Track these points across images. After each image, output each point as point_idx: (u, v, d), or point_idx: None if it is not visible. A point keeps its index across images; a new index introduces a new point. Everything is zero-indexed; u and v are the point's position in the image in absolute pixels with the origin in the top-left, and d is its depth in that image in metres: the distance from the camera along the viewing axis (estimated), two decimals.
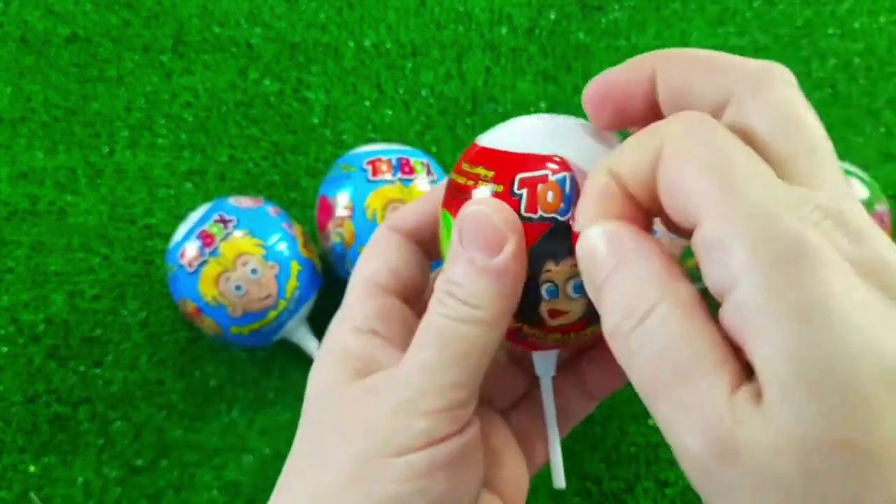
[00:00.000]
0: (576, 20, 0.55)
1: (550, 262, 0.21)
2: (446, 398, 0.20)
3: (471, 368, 0.21)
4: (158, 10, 0.55)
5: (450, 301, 0.21)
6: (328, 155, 0.51)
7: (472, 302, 0.21)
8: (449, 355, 0.20)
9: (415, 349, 0.21)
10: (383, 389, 0.21)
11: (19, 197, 0.50)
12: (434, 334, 0.21)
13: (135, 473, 0.44)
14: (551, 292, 0.21)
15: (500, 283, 0.20)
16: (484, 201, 0.21)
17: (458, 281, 0.21)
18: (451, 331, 0.21)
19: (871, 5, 0.55)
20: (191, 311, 0.42)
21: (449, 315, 0.21)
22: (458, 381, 0.20)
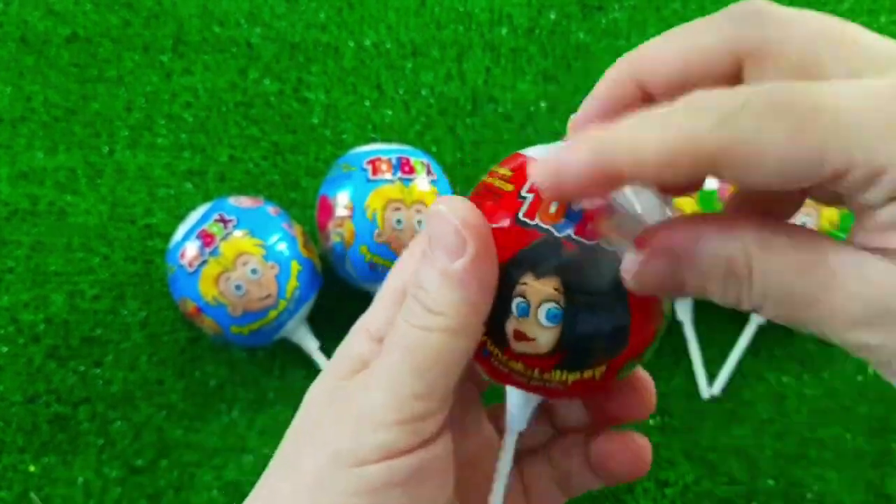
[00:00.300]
0: (576, 20, 0.55)
1: (530, 275, 0.19)
2: (407, 409, 0.19)
3: (435, 379, 0.19)
4: (158, 10, 0.55)
5: (415, 306, 0.20)
6: (328, 155, 0.51)
7: (435, 308, 0.19)
8: (411, 364, 0.19)
9: (383, 354, 0.20)
10: (353, 395, 0.20)
11: (19, 197, 0.50)
12: (398, 340, 0.20)
13: (135, 473, 0.44)
14: (521, 309, 0.20)
15: (464, 290, 0.19)
16: (451, 200, 0.19)
17: (424, 285, 0.20)
18: (414, 338, 0.19)
19: (871, 5, 0.54)
20: (191, 311, 0.42)
21: (412, 321, 0.20)
22: (420, 391, 0.19)
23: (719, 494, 0.43)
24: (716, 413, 0.45)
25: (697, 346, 0.45)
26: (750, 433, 0.44)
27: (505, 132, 0.52)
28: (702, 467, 0.44)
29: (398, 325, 0.20)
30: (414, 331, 0.20)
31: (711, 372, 0.45)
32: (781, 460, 0.44)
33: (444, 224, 0.19)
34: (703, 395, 0.45)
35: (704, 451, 0.44)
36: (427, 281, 0.20)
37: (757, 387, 0.45)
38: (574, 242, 0.19)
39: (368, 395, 0.20)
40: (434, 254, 0.19)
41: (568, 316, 0.19)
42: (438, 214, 0.19)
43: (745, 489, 0.43)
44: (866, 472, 0.43)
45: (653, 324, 0.20)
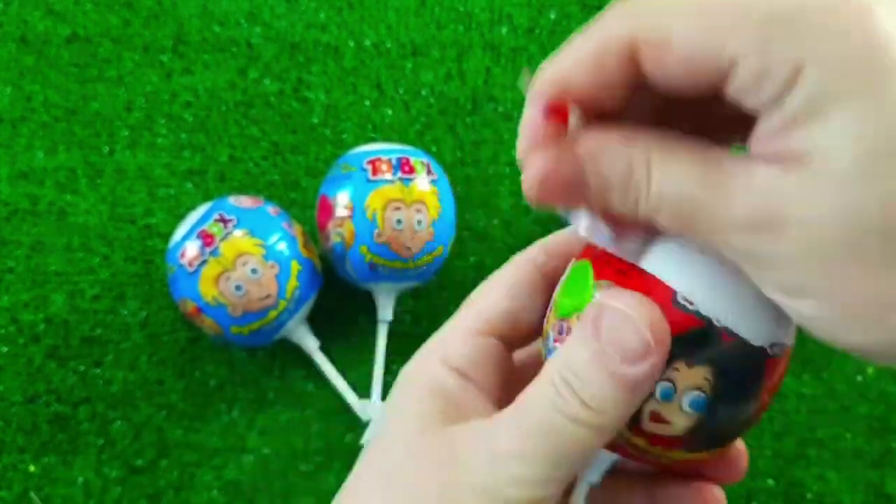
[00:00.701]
0: (576, 20, 0.55)
1: (682, 362, 0.18)
2: (532, 492, 0.19)
3: (570, 467, 0.19)
4: (158, 9, 0.55)
5: (567, 395, 0.18)
6: (328, 155, 0.51)
7: (592, 405, 0.18)
8: (550, 450, 0.19)
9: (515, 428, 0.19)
10: (470, 459, 0.19)
11: (19, 197, 0.50)
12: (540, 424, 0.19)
13: (135, 473, 0.44)
14: (665, 393, 0.19)
15: (631, 395, 0.18)
16: (636, 300, 0.18)
17: (582, 376, 0.18)
18: (560, 427, 0.19)
19: None
20: (191, 311, 0.42)
21: (562, 410, 0.18)
22: (553, 476, 0.19)
23: None
24: None
25: None
26: (750, 433, 0.44)
27: (505, 132, 0.52)
28: None
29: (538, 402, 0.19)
30: (563, 420, 0.18)
31: None
32: (781, 460, 0.44)
33: (629, 327, 0.18)
34: None
35: None
36: (589, 374, 0.18)
37: None
38: (731, 335, 0.18)
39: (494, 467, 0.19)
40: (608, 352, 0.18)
41: (711, 405, 0.19)
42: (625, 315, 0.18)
43: (745, 489, 0.43)
44: (866, 472, 0.43)
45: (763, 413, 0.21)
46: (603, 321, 0.18)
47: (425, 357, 0.22)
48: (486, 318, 0.23)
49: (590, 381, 0.18)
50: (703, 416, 0.19)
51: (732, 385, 0.19)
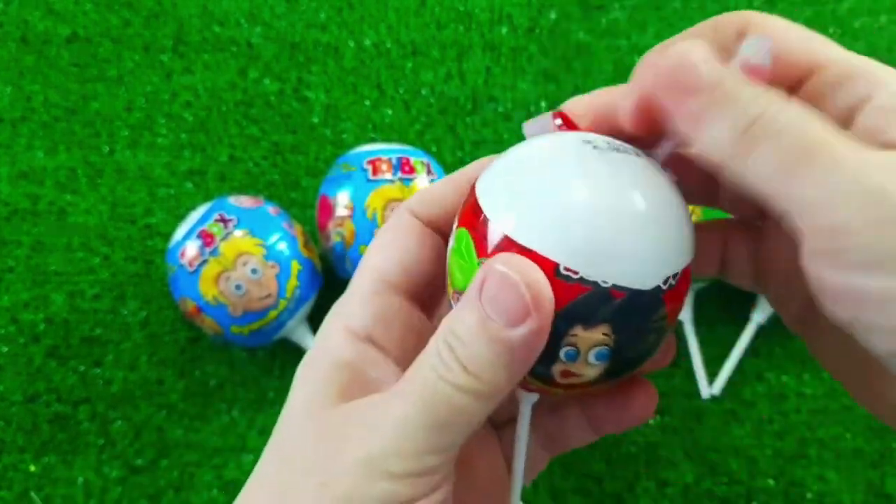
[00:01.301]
0: (576, 20, 0.55)
1: (579, 327, 0.19)
2: (419, 463, 0.18)
3: (452, 437, 0.19)
4: (158, 9, 0.55)
5: (450, 360, 0.18)
6: (328, 154, 0.51)
7: (473, 369, 0.18)
8: (432, 419, 0.18)
9: (399, 398, 0.19)
10: (354, 434, 0.19)
11: (19, 197, 0.50)
12: (422, 391, 0.18)
13: (135, 473, 0.44)
14: (570, 356, 0.19)
15: (511, 358, 0.18)
16: (515, 261, 0.18)
17: (465, 338, 0.18)
18: (442, 394, 0.18)
19: (871, 5, 0.54)
20: (191, 311, 0.42)
21: (444, 376, 0.18)
22: (436, 446, 0.18)
23: (719, 494, 0.43)
24: (716, 413, 0.45)
25: (697, 346, 0.45)
26: (750, 433, 0.44)
27: (505, 132, 0.52)
28: (702, 467, 0.44)
29: (422, 372, 0.19)
30: (442, 384, 0.18)
31: (711, 372, 0.45)
32: (781, 460, 0.44)
33: (509, 289, 0.17)
34: (703, 395, 0.45)
35: (704, 451, 0.44)
36: (470, 337, 0.18)
37: (757, 387, 0.45)
38: (621, 290, 0.18)
39: (376, 440, 0.18)
40: (488, 314, 0.18)
41: (616, 352, 0.19)
42: (505, 276, 0.18)
43: (745, 489, 0.43)
44: (866, 472, 0.43)
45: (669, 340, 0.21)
46: (486, 283, 0.18)
47: (328, 327, 0.22)
48: (383, 276, 0.22)
49: (471, 344, 0.18)
50: (610, 361, 0.19)
51: (633, 329, 0.19)
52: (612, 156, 0.19)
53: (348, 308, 0.22)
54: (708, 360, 0.45)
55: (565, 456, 0.44)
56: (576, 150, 0.20)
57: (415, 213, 0.23)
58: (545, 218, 0.18)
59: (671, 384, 0.45)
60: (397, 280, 0.22)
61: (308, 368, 0.21)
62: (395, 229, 0.23)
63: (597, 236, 0.18)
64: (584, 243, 0.18)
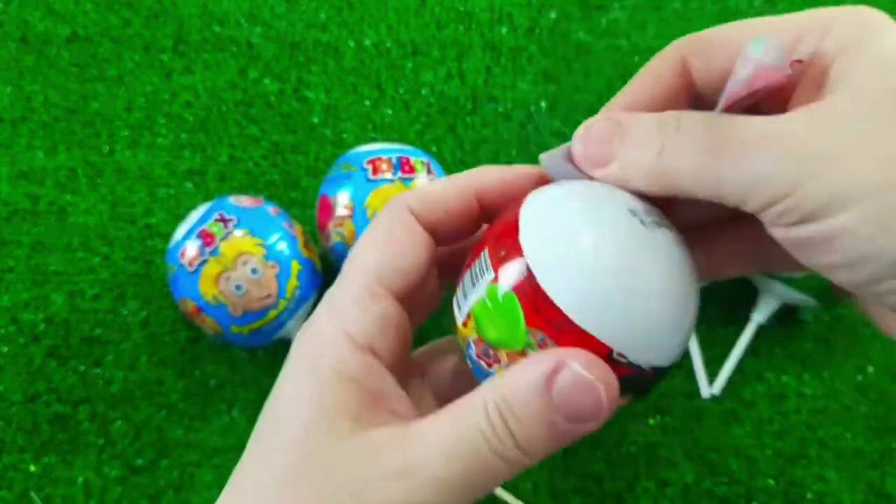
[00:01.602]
0: (576, 19, 0.55)
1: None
2: None
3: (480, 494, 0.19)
4: (158, 9, 0.55)
5: (502, 432, 0.18)
6: (328, 154, 0.51)
7: (525, 447, 0.18)
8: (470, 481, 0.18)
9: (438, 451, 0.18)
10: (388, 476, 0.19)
11: (19, 196, 0.50)
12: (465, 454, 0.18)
13: (135, 473, 0.44)
14: None
15: (560, 444, 0.19)
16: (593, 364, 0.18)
17: (522, 418, 0.18)
18: (485, 462, 0.18)
19: (871, 4, 0.54)
20: (191, 311, 0.42)
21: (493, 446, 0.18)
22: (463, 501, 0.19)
23: (719, 494, 0.43)
24: (716, 413, 0.45)
25: (697, 346, 0.45)
26: (750, 433, 0.44)
27: (505, 131, 0.52)
28: (702, 467, 0.44)
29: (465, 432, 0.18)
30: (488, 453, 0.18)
31: (711, 372, 0.45)
32: (781, 460, 0.44)
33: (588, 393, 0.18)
34: (703, 395, 0.45)
35: (704, 451, 0.44)
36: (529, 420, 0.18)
37: (757, 387, 0.45)
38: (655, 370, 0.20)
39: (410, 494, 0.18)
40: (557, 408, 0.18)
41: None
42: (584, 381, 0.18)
43: (745, 489, 0.43)
44: (866, 472, 0.43)
45: None
46: (558, 378, 0.18)
47: (327, 328, 0.21)
48: (380, 279, 0.21)
49: (529, 426, 0.18)
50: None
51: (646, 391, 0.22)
52: (657, 235, 0.20)
53: (347, 312, 0.21)
54: (708, 360, 0.45)
55: (565, 456, 0.44)
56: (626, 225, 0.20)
57: (413, 211, 0.22)
58: (606, 303, 0.19)
59: (671, 384, 0.45)
60: (392, 284, 0.21)
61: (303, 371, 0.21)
62: (392, 226, 0.22)
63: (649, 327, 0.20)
64: (637, 333, 0.19)
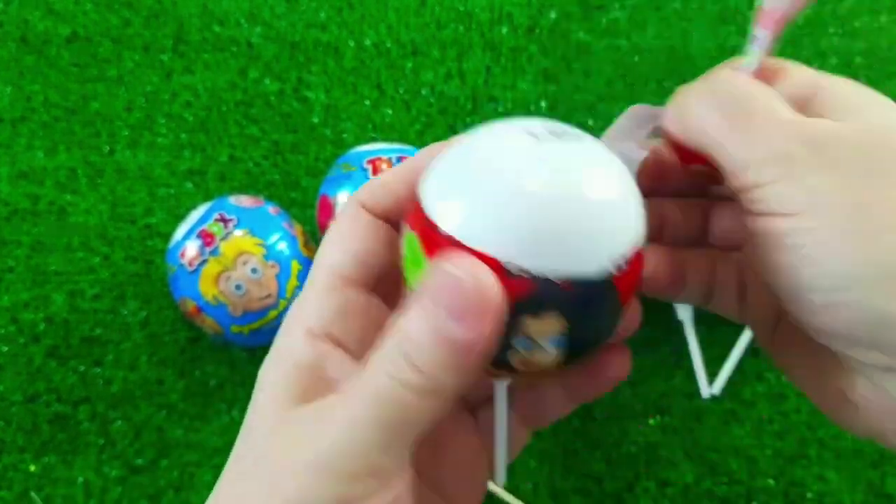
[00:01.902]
0: (576, 19, 0.55)
1: (529, 319, 0.19)
2: (367, 463, 0.18)
3: (404, 436, 0.18)
4: (158, 9, 0.55)
5: (400, 360, 0.18)
6: (328, 154, 0.51)
7: (425, 370, 0.18)
8: (384, 419, 0.18)
9: (349, 398, 0.18)
10: (305, 436, 0.19)
11: (19, 196, 0.50)
12: (371, 390, 0.18)
13: (135, 473, 0.44)
14: (525, 345, 0.19)
15: (465, 360, 0.18)
16: (465, 263, 0.18)
17: (415, 339, 0.18)
18: (393, 394, 0.18)
19: (872, 4, 0.54)
20: (191, 311, 0.42)
21: (395, 376, 0.18)
22: (387, 446, 0.18)
23: (719, 494, 0.43)
24: (716, 413, 0.45)
25: (697, 346, 0.45)
26: (750, 433, 0.44)
27: None
28: (702, 467, 0.44)
29: (372, 371, 0.18)
30: (390, 382, 0.18)
31: (711, 371, 0.45)
32: (781, 460, 0.44)
33: (458, 291, 0.17)
34: (703, 395, 0.45)
35: (704, 451, 0.44)
36: (420, 338, 0.18)
37: (757, 386, 0.45)
38: (568, 283, 0.18)
39: (325, 441, 0.18)
40: (440, 317, 0.18)
41: (572, 337, 0.19)
42: (453, 278, 0.17)
43: (745, 489, 0.43)
44: (866, 472, 0.43)
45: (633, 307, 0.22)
46: (436, 286, 0.18)
47: (286, 328, 0.21)
48: (337, 271, 0.22)
49: (421, 345, 0.18)
50: (567, 347, 0.19)
51: (586, 314, 0.19)
52: (552, 145, 0.19)
53: (305, 306, 0.21)
54: (708, 360, 0.45)
55: (565, 456, 0.44)
56: (516, 144, 0.19)
57: (365, 206, 0.23)
58: (487, 217, 0.18)
59: (671, 384, 0.45)
60: (352, 273, 0.22)
61: (268, 371, 0.21)
62: (347, 222, 0.22)
63: (539, 231, 0.18)
64: (527, 239, 0.18)
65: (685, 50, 0.55)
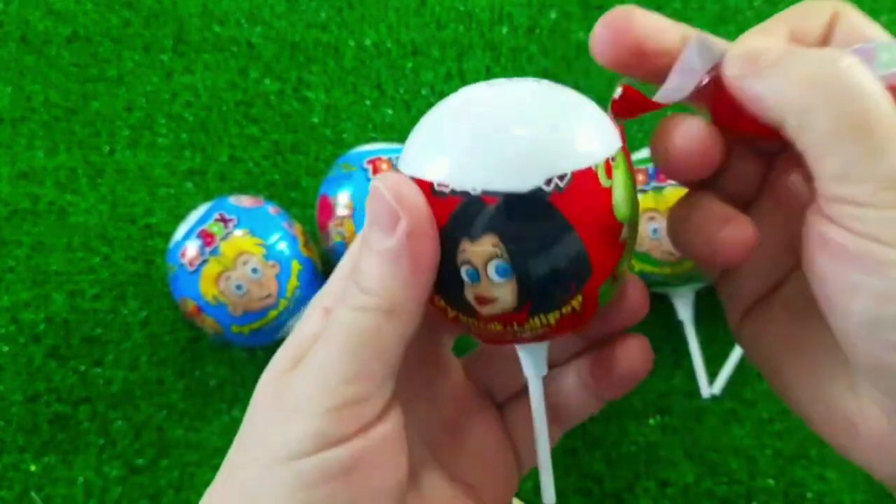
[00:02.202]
0: (576, 19, 0.55)
1: (466, 242, 0.19)
2: (338, 395, 0.18)
3: (367, 361, 0.19)
4: (159, 9, 0.55)
5: (354, 290, 0.19)
6: (328, 154, 0.51)
7: (367, 287, 0.19)
8: (343, 348, 0.18)
9: (321, 341, 0.19)
10: (288, 388, 0.19)
11: (20, 196, 0.50)
12: (332, 326, 0.19)
13: (135, 473, 0.44)
14: (471, 275, 0.19)
15: (396, 267, 0.18)
16: (385, 176, 0.19)
17: (361, 265, 0.19)
18: (348, 321, 0.19)
19: (871, 5, 0.54)
20: (191, 311, 0.42)
21: (347, 303, 0.19)
22: (351, 375, 0.18)
23: (719, 494, 0.43)
24: (716, 413, 0.45)
25: (697, 346, 0.45)
26: (750, 433, 0.44)
27: None
28: (702, 467, 0.44)
29: (334, 310, 0.19)
30: (348, 313, 0.19)
31: (712, 371, 0.45)
32: (782, 460, 0.44)
33: (379, 200, 0.18)
34: (703, 395, 0.45)
35: (704, 450, 0.44)
36: (363, 260, 0.19)
37: (757, 386, 0.45)
38: (491, 195, 0.18)
39: (299, 385, 0.19)
40: (370, 232, 0.19)
41: (517, 265, 0.19)
42: (374, 191, 0.19)
43: (744, 489, 0.43)
44: (866, 473, 0.43)
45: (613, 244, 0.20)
46: (367, 205, 0.19)
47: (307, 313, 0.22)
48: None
49: (364, 267, 0.19)
50: (517, 277, 0.19)
51: (522, 238, 0.19)
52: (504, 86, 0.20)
53: (325, 290, 0.22)
54: (708, 360, 0.45)
55: (565, 456, 0.44)
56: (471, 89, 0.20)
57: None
58: (425, 146, 0.20)
59: (671, 384, 0.45)
60: None
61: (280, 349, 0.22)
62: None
63: (467, 151, 0.19)
64: (448, 157, 0.19)
65: None
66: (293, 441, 0.18)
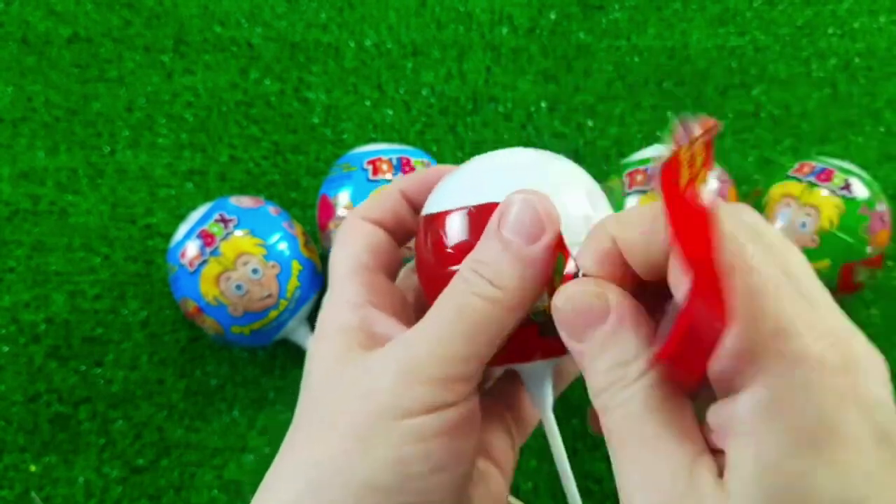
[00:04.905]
0: (576, 20, 0.55)
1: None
2: (452, 368, 0.21)
3: (481, 345, 0.21)
4: (159, 10, 0.55)
5: (474, 278, 0.21)
6: (329, 154, 0.51)
7: (496, 282, 0.21)
8: (462, 327, 0.21)
9: (430, 318, 0.22)
10: (391, 354, 0.21)
11: (20, 197, 0.50)
12: (452, 306, 0.21)
13: (135, 473, 0.44)
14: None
15: (530, 271, 0.21)
16: (529, 193, 0.22)
17: (487, 261, 0.21)
18: (470, 305, 0.21)
19: (871, 5, 0.55)
20: (192, 311, 0.42)
21: (471, 290, 0.21)
22: (466, 354, 0.21)
23: None
24: None
25: None
26: None
27: (505, 132, 0.52)
28: None
29: (453, 292, 0.21)
30: (472, 298, 0.21)
31: None
32: None
33: (526, 210, 0.21)
34: None
35: None
36: (493, 258, 0.21)
37: None
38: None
39: (414, 351, 0.21)
40: (508, 236, 0.21)
41: None
42: (523, 202, 0.21)
43: None
44: None
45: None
46: (508, 211, 0.21)
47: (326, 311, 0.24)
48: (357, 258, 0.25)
49: (494, 263, 0.21)
50: None
51: None
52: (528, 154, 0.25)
53: (339, 291, 0.24)
54: None
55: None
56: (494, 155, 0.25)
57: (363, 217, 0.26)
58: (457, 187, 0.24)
59: None
60: (368, 262, 0.25)
61: (319, 344, 0.23)
62: (352, 229, 0.26)
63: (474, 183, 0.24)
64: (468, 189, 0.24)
65: (685, 50, 0.55)
66: (408, 402, 0.20)
